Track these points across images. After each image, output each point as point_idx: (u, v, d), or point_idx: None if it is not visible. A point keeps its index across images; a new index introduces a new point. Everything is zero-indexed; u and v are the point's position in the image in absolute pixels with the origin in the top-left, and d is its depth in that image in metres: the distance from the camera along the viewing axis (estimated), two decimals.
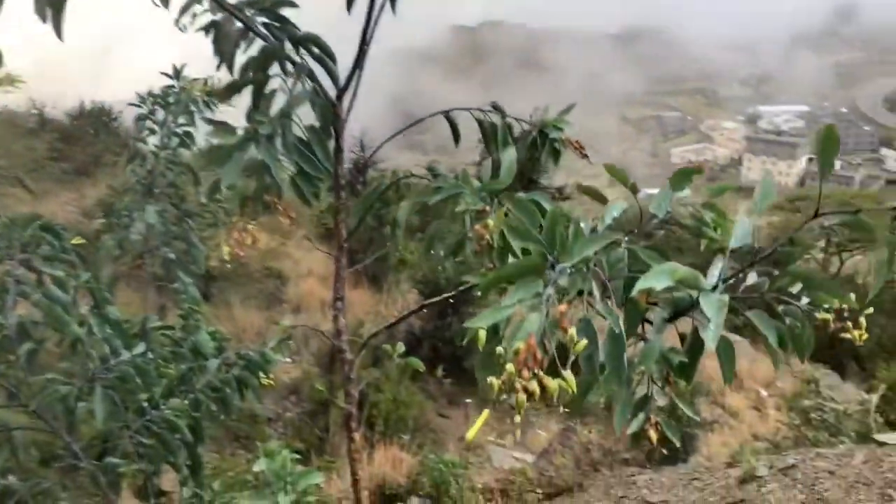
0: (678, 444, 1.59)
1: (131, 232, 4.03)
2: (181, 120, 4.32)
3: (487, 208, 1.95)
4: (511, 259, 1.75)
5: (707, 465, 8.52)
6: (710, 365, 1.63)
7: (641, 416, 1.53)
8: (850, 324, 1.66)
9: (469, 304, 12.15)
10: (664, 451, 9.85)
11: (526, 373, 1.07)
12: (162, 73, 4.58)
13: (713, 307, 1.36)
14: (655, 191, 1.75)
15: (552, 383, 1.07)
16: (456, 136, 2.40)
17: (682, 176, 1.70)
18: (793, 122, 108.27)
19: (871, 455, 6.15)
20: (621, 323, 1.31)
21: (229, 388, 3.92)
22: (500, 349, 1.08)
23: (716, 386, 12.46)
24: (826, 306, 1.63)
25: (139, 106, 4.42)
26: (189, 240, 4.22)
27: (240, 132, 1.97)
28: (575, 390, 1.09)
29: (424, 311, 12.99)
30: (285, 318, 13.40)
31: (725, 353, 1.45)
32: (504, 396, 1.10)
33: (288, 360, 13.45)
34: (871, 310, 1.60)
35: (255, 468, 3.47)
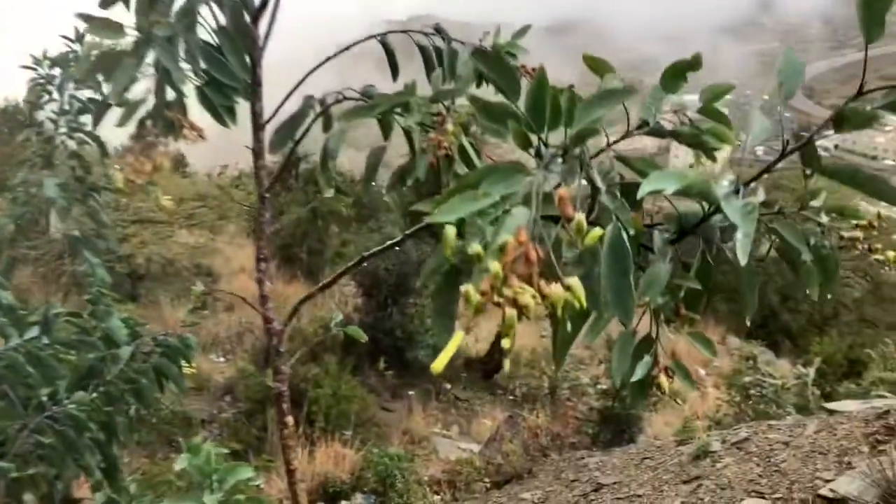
0: (688, 393, 1.29)
1: (27, 209, 3.56)
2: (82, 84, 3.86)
3: (444, 112, 1.62)
4: None
5: (658, 443, 8.38)
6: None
7: (647, 359, 1.22)
8: (880, 245, 1.39)
9: (409, 293, 11.79)
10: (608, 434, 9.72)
11: (515, 279, 0.74)
12: (62, 38, 4.09)
13: (740, 213, 1.06)
14: None
15: (556, 290, 0.74)
16: (393, 66, 2.06)
17: (676, 72, 1.40)
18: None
19: (824, 424, 6.06)
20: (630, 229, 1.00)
21: (145, 378, 3.48)
22: (474, 247, 0.75)
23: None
24: (855, 222, 1.35)
25: (34, 69, 3.93)
26: (97, 217, 3.77)
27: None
28: (584, 303, 0.76)
29: (362, 303, 12.59)
30: (201, 289, 12.84)
31: (749, 278, 1.15)
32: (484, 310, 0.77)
33: (221, 359, 12.90)
34: None
35: (177, 466, 3.05)
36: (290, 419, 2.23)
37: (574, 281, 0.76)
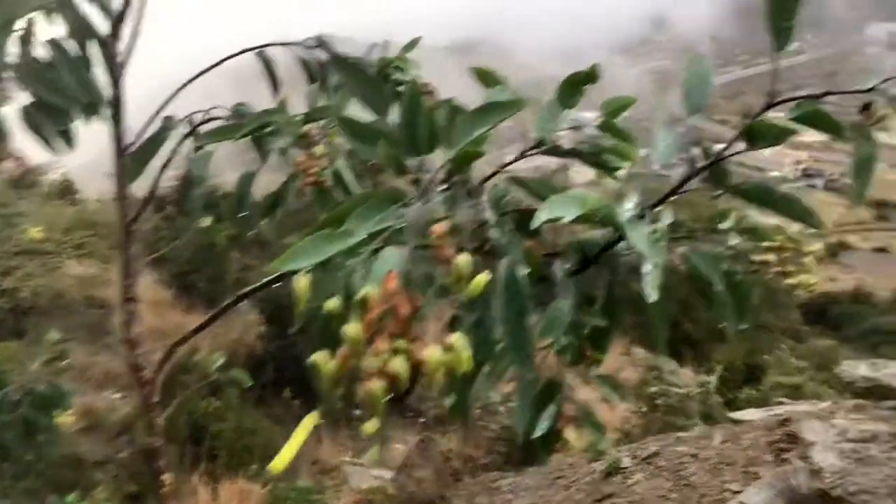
0: (597, 447, 1.16)
1: None
2: None
3: (314, 130, 1.45)
4: None
5: (570, 460, 8.36)
6: None
7: (552, 408, 1.08)
8: (792, 268, 1.30)
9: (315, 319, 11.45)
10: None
11: (382, 341, 0.58)
12: None
13: (647, 242, 0.94)
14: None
15: (432, 354, 0.59)
16: (273, 80, 1.88)
17: (572, 86, 1.28)
18: None
19: (729, 434, 6.14)
20: (522, 266, 0.86)
21: (12, 432, 3.15)
22: (331, 304, 0.59)
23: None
24: (766, 244, 1.25)
25: None
26: None
27: None
28: (469, 365, 0.62)
29: (265, 330, 12.15)
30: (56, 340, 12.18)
31: (660, 311, 1.03)
32: (343, 397, 0.61)
33: (117, 395, 12.20)
34: (819, 245, 1.25)
35: None
36: (168, 477, 2.00)
37: (456, 339, 0.61)
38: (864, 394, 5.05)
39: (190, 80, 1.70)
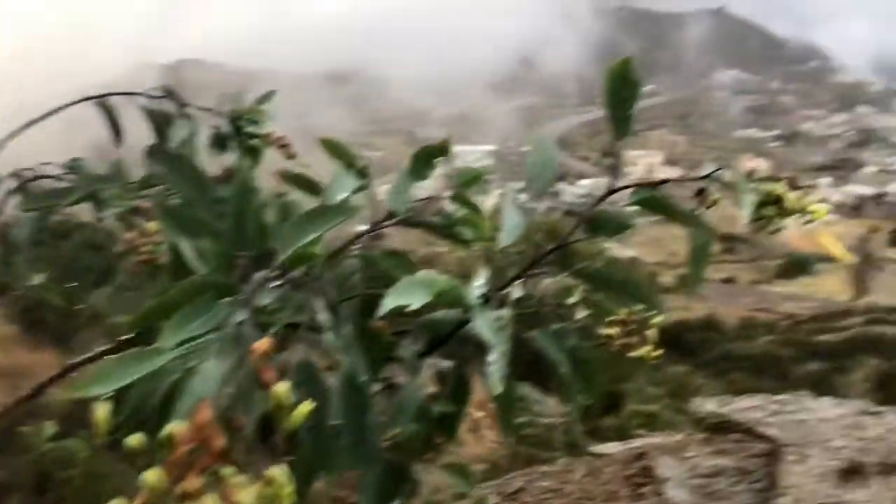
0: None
1: None
2: None
3: (146, 204, 1.35)
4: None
5: (437, 498, 8.33)
6: None
7: (398, 502, 1.04)
8: (635, 340, 1.34)
9: None
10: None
11: (191, 480, 0.53)
12: None
13: (492, 328, 0.93)
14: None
15: (246, 497, 0.54)
16: (116, 129, 1.77)
17: (424, 157, 1.27)
18: (483, 161, 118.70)
19: (590, 468, 6.30)
20: (363, 365, 0.82)
21: None
22: (133, 441, 0.53)
23: None
24: (611, 317, 1.28)
25: None
26: None
27: None
28: (292, 498, 0.57)
29: None
30: None
31: (506, 398, 1.02)
32: None
33: None
34: (661, 316, 1.29)
35: None
36: None
37: (276, 473, 0.57)
38: (714, 428, 5.33)
39: (18, 131, 1.56)
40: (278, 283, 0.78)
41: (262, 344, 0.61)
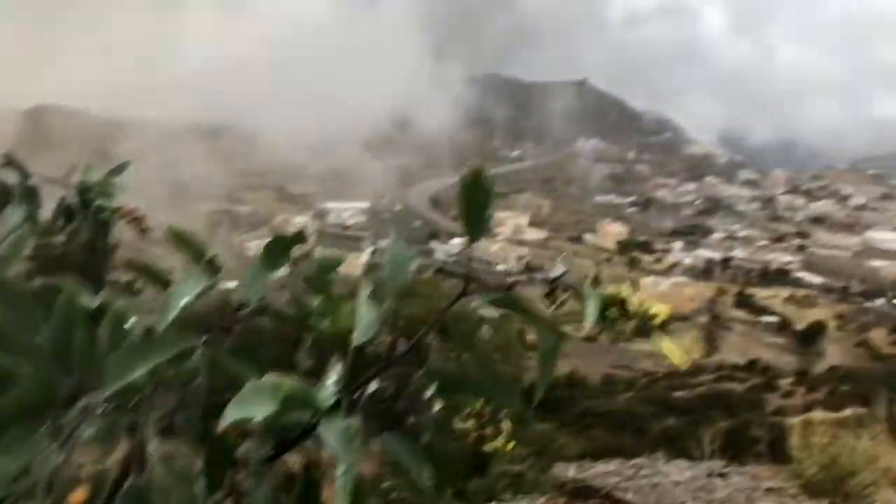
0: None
1: None
2: None
3: None
4: None
5: None
6: None
7: None
8: (490, 431, 1.34)
9: None
10: None
11: None
12: None
13: (340, 440, 0.90)
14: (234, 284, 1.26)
15: None
16: None
17: (277, 247, 1.24)
18: (357, 218, 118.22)
19: None
20: (200, 483, 0.77)
21: None
22: None
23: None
24: (468, 410, 1.28)
25: None
26: None
27: None
28: None
29: None
30: None
31: None
32: None
33: None
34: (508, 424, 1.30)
35: None
36: None
37: None
38: (575, 493, 5.42)
39: None
40: (104, 407, 0.72)
41: (79, 496, 0.55)
